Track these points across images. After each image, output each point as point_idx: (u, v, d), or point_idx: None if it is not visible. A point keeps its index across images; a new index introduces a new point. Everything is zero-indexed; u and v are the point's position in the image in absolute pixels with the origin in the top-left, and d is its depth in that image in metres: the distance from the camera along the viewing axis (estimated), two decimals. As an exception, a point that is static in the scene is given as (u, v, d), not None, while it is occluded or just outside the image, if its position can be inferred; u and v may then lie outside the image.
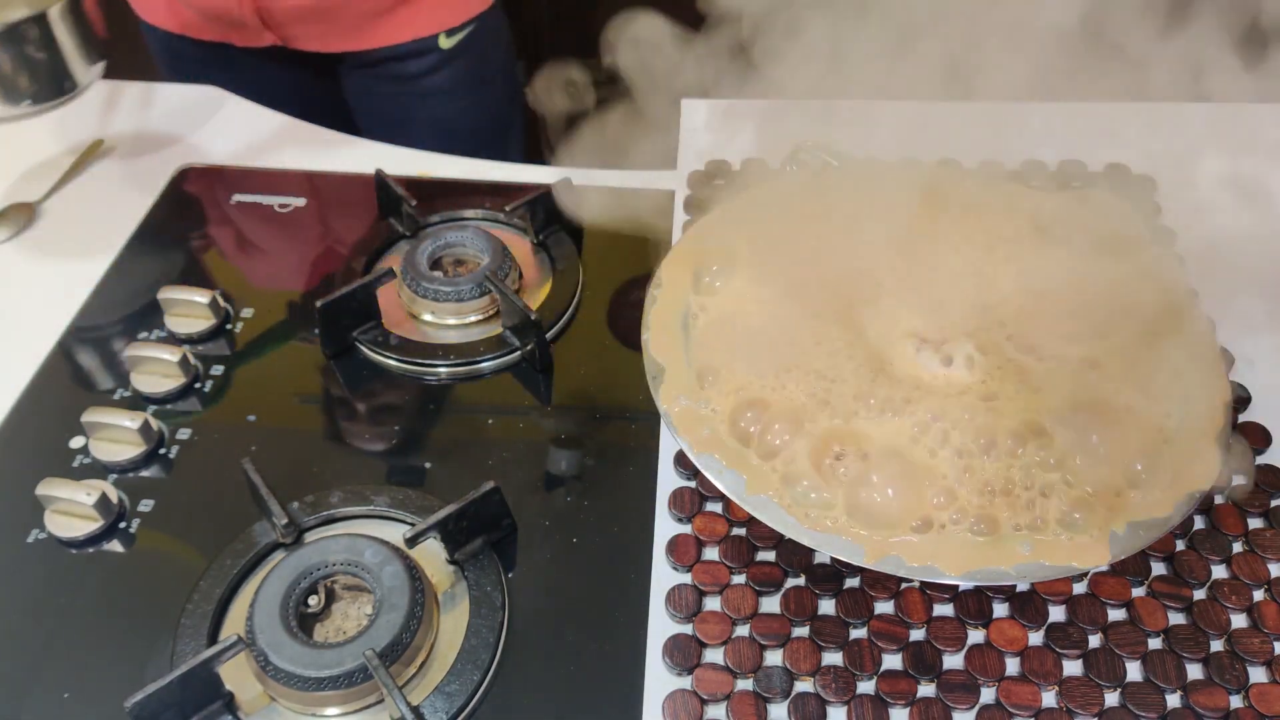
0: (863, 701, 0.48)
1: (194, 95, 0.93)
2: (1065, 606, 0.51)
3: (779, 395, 0.52)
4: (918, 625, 0.50)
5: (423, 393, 0.67)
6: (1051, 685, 0.48)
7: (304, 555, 0.54)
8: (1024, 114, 0.63)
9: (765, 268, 0.58)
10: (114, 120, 0.90)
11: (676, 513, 0.56)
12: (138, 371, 0.66)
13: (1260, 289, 0.68)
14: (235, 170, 0.85)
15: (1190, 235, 0.70)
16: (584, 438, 0.64)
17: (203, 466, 0.62)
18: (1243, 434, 0.58)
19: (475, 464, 0.62)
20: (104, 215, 0.81)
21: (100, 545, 0.58)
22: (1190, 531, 0.54)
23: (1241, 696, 0.48)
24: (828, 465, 0.49)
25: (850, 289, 0.56)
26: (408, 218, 0.76)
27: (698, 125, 0.81)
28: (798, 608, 0.51)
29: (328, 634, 0.53)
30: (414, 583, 0.52)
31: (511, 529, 0.58)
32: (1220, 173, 0.76)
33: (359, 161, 0.85)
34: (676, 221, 0.74)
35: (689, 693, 0.49)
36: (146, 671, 0.52)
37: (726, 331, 0.56)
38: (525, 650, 0.53)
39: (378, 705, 0.51)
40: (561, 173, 0.78)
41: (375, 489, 0.59)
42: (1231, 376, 0.61)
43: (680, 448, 0.54)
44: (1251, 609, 0.51)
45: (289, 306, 0.73)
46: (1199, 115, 0.79)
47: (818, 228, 0.59)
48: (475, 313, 0.70)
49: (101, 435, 0.62)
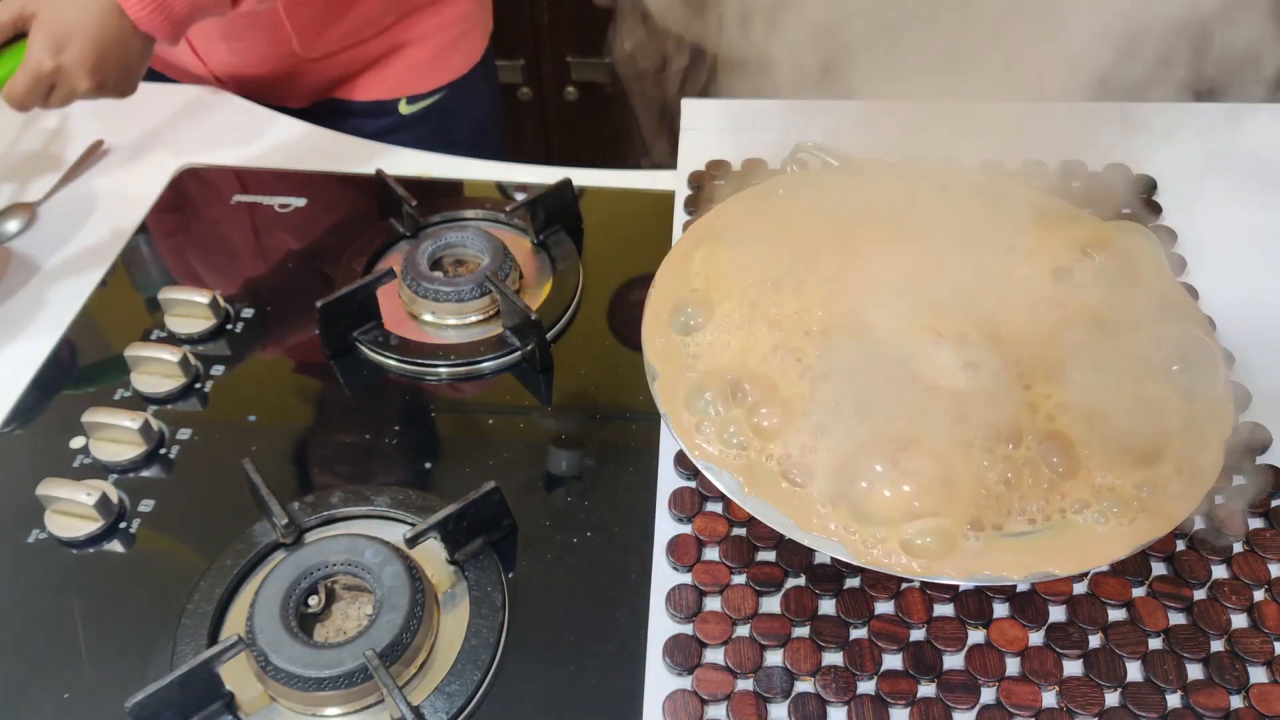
0: (863, 701, 0.48)
1: (194, 95, 0.93)
2: (1065, 606, 0.51)
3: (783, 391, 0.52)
4: (918, 625, 0.50)
5: (423, 393, 0.67)
6: (1052, 685, 0.48)
7: (304, 555, 0.54)
8: (1024, 114, 0.63)
9: (766, 264, 0.58)
10: (114, 120, 0.90)
11: (676, 513, 0.56)
12: (138, 372, 0.66)
13: (1261, 288, 0.68)
14: (235, 170, 0.85)
15: (1190, 235, 0.71)
16: (584, 438, 0.64)
17: (203, 466, 0.62)
18: (1242, 434, 0.58)
19: (475, 464, 0.62)
20: (104, 215, 0.81)
21: (100, 545, 0.58)
22: (1190, 531, 0.54)
23: (1241, 696, 0.48)
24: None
25: (857, 284, 0.56)
26: (408, 218, 0.76)
27: (698, 125, 0.81)
28: (798, 608, 0.51)
29: (328, 634, 0.53)
30: (414, 583, 0.52)
31: (511, 529, 0.58)
32: (1220, 173, 0.76)
33: (359, 161, 0.85)
34: (676, 221, 0.74)
35: (689, 693, 0.49)
36: (146, 671, 0.52)
37: (728, 330, 0.56)
38: (525, 650, 0.53)
39: (378, 705, 0.51)
40: (562, 173, 0.78)
41: (375, 489, 0.59)
42: (1232, 376, 0.61)
43: (680, 448, 0.54)
44: (1252, 609, 0.51)
45: (289, 306, 0.73)
46: (1199, 115, 0.79)
47: (823, 225, 0.59)
48: (475, 313, 0.70)
49: (101, 435, 0.62)
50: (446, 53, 0.99)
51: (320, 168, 0.85)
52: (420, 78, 0.98)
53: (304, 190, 0.83)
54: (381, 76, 0.97)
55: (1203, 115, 0.79)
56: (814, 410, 0.51)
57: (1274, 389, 0.61)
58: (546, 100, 1.63)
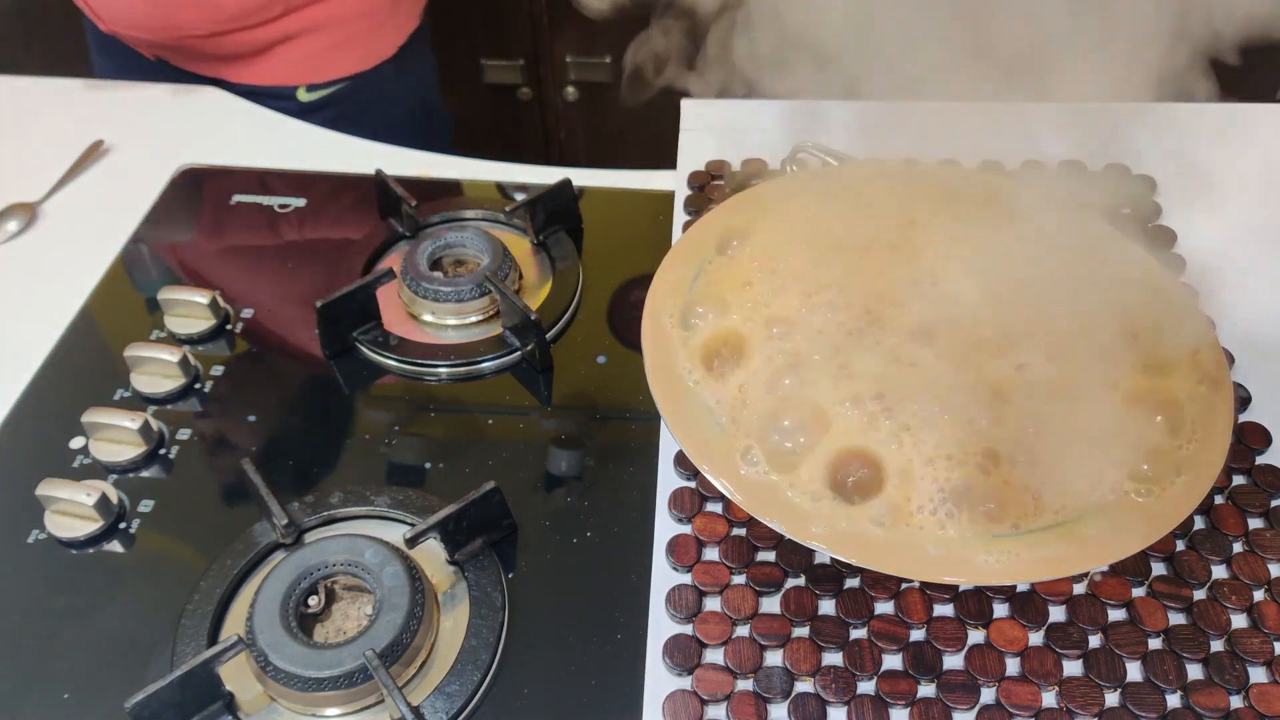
0: (863, 702, 0.48)
1: (194, 95, 0.93)
2: (1065, 606, 0.51)
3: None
4: (918, 625, 0.50)
5: (423, 393, 0.67)
6: (1052, 685, 0.48)
7: (304, 555, 0.54)
8: (1024, 114, 0.63)
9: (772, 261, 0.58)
10: (114, 120, 0.90)
11: (676, 513, 0.56)
12: (138, 371, 0.66)
13: (1261, 289, 0.68)
14: (235, 170, 0.85)
15: (1190, 235, 0.71)
16: (584, 438, 0.64)
17: (203, 466, 0.62)
18: (1242, 434, 0.58)
19: (475, 464, 0.62)
20: (104, 215, 0.81)
21: (100, 546, 0.58)
22: (1190, 531, 0.54)
23: (1241, 697, 0.48)
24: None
25: (861, 284, 0.56)
26: (408, 218, 0.76)
27: (698, 125, 0.81)
28: (798, 608, 0.51)
29: (328, 634, 0.53)
30: (414, 583, 0.52)
31: (511, 529, 0.58)
32: (1220, 173, 0.76)
33: (359, 161, 0.84)
34: (676, 221, 0.74)
35: (689, 693, 0.49)
36: (146, 671, 0.52)
37: (729, 328, 0.56)
38: (525, 650, 0.53)
39: (378, 706, 0.51)
40: (562, 173, 0.78)
41: (375, 489, 0.59)
42: (1232, 376, 0.61)
43: (680, 448, 0.54)
44: (1251, 609, 0.51)
45: (289, 306, 0.73)
46: (1199, 115, 0.79)
47: (824, 224, 0.59)
48: (475, 313, 0.70)
49: (101, 435, 0.62)
50: (346, 45, 0.99)
51: (320, 168, 0.85)
52: (316, 68, 0.98)
53: (304, 190, 0.83)
54: (275, 63, 0.97)
55: (1203, 115, 0.79)
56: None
57: (1274, 389, 0.61)
58: (546, 100, 1.63)
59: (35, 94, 0.95)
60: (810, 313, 0.55)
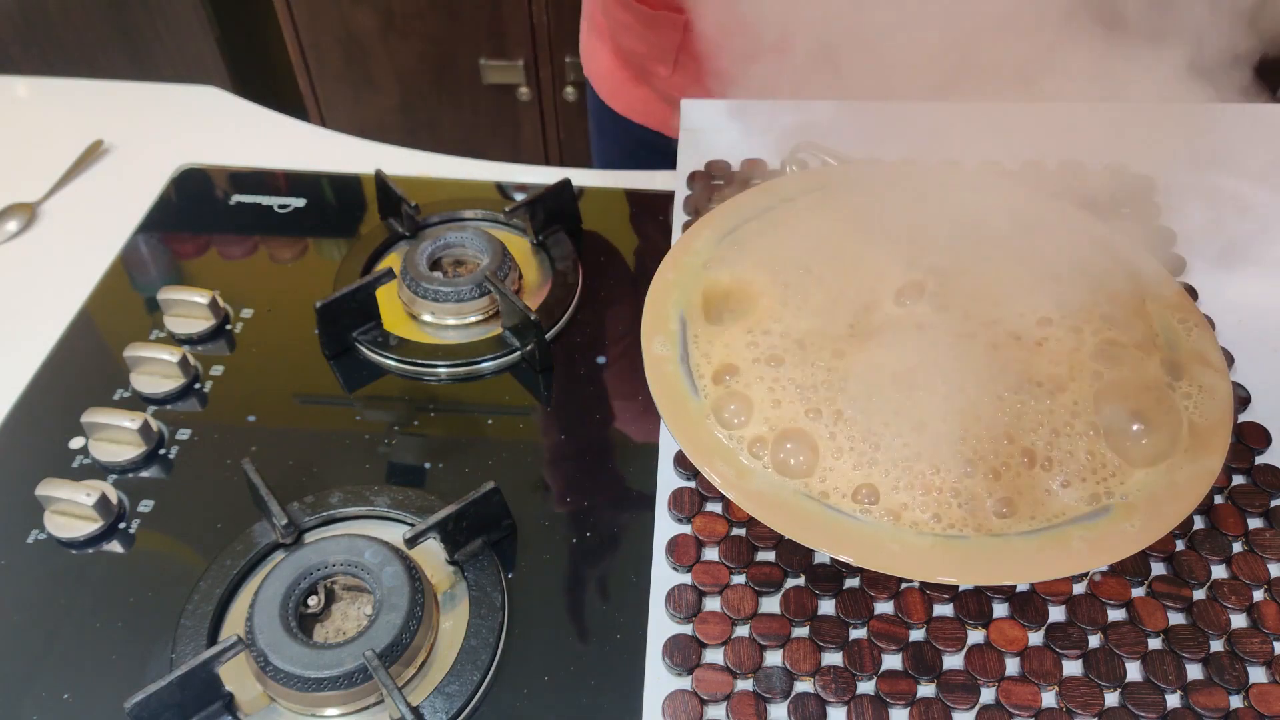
0: (863, 702, 0.48)
1: (194, 95, 0.93)
2: (1065, 607, 0.51)
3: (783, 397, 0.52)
4: (918, 625, 0.50)
5: (423, 393, 0.67)
6: (1051, 685, 0.48)
7: (304, 556, 0.54)
8: (1024, 114, 0.63)
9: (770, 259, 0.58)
10: (114, 120, 0.90)
11: (676, 513, 0.56)
12: (138, 372, 0.66)
13: (1261, 289, 0.67)
14: (235, 170, 0.85)
15: (1190, 235, 0.71)
16: (584, 438, 0.64)
17: (203, 466, 0.62)
18: (1242, 434, 0.58)
19: (475, 464, 0.62)
20: (104, 215, 0.81)
21: (100, 546, 0.58)
22: (1190, 531, 0.54)
23: (1241, 697, 0.48)
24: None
25: (856, 288, 0.56)
26: (407, 218, 0.76)
27: (698, 125, 0.81)
28: (798, 608, 0.51)
29: (328, 634, 0.53)
30: (414, 583, 0.52)
31: (511, 529, 0.58)
32: (1220, 173, 0.76)
33: (359, 161, 0.85)
34: (676, 221, 0.74)
35: (689, 693, 0.49)
36: (146, 672, 0.52)
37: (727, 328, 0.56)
38: (525, 650, 0.53)
39: (378, 706, 0.51)
40: (561, 173, 0.78)
41: (375, 489, 0.59)
42: (1232, 376, 0.61)
43: (680, 448, 0.54)
44: (1251, 609, 0.51)
45: (289, 306, 0.73)
46: (1199, 115, 0.79)
47: (821, 226, 0.59)
48: (475, 313, 0.70)
49: (101, 436, 0.62)
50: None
51: (320, 168, 0.85)
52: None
53: (304, 190, 0.83)
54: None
55: (1203, 115, 0.79)
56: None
57: (1274, 389, 0.61)
58: (546, 100, 1.63)
59: (35, 94, 0.95)
60: (810, 317, 0.55)
